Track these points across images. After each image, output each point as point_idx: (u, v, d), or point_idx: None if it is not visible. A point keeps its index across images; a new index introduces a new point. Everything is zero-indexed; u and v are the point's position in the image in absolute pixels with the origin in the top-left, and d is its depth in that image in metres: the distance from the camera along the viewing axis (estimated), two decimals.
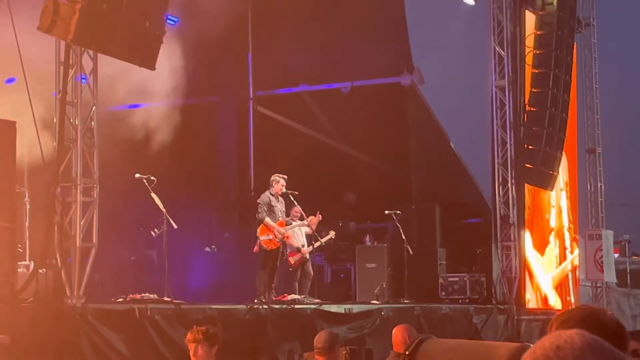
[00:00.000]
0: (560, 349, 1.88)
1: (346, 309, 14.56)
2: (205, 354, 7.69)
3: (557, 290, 20.70)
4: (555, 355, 1.87)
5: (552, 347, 1.89)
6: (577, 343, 1.89)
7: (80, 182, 10.56)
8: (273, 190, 15.06)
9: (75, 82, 10.72)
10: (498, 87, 19.66)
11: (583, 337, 1.91)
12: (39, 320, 9.79)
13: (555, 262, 20.80)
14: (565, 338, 1.90)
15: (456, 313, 17.05)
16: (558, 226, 21.25)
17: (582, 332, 1.93)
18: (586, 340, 1.90)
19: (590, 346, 1.88)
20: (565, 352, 1.87)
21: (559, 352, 1.87)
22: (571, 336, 1.91)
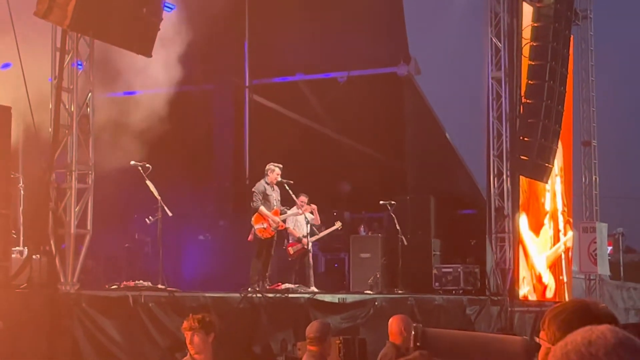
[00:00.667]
0: (592, 344, 1.87)
1: (340, 298, 14.57)
2: (201, 342, 7.69)
3: (551, 269, 20.88)
4: (586, 351, 1.86)
5: (584, 341, 1.88)
6: (610, 339, 1.88)
7: (75, 169, 10.54)
8: (268, 179, 15.06)
9: (72, 68, 10.69)
10: (494, 78, 19.65)
11: (615, 334, 1.90)
12: (32, 306, 9.78)
13: (550, 243, 21.05)
14: (598, 334, 1.90)
15: (450, 304, 17.07)
16: (552, 209, 21.42)
17: (614, 329, 1.92)
18: (618, 336, 1.90)
19: (622, 343, 1.88)
20: (597, 348, 1.86)
21: (590, 347, 1.87)
22: (603, 332, 1.90)
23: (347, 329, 13.85)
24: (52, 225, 10.37)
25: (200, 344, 7.66)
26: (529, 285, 19.81)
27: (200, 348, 7.68)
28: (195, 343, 7.66)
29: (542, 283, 20.32)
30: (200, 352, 7.71)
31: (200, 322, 7.73)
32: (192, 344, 7.68)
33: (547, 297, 20.24)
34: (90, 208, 10.77)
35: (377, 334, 13.90)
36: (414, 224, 19.36)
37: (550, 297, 20.42)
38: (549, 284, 20.59)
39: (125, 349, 10.48)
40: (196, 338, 7.66)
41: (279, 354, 12.63)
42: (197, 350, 7.70)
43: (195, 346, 7.66)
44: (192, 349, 7.70)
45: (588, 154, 24.83)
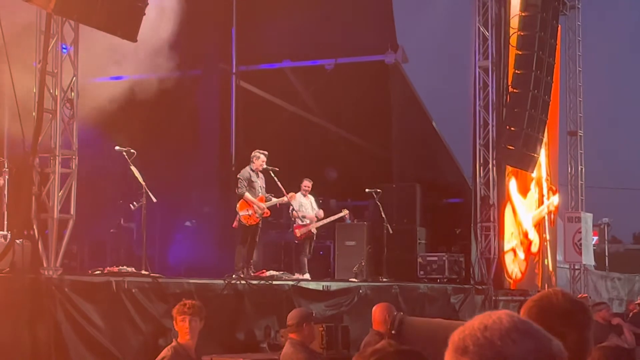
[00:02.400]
0: (488, 329, 1.88)
1: (324, 286, 14.57)
2: (195, 327, 7.79)
3: (536, 228, 21.39)
4: (482, 335, 1.87)
5: (480, 326, 1.89)
6: (505, 324, 1.89)
7: (59, 153, 10.49)
8: (253, 166, 15.04)
9: (56, 52, 10.63)
10: (481, 67, 19.66)
11: (511, 318, 1.91)
12: (14, 290, 9.73)
13: (535, 205, 21.58)
14: (494, 318, 1.91)
15: (434, 292, 17.11)
16: (537, 176, 21.89)
17: (511, 313, 1.93)
18: (513, 320, 1.90)
19: (517, 327, 1.89)
20: (492, 332, 1.87)
21: (485, 332, 1.88)
22: (500, 316, 1.91)
23: (332, 317, 13.86)
24: (35, 210, 10.33)
25: (195, 328, 7.77)
26: (516, 239, 20.30)
27: (194, 333, 7.77)
28: (192, 328, 7.75)
29: (528, 239, 20.91)
30: (193, 337, 7.79)
31: (194, 308, 7.82)
32: (189, 328, 7.75)
33: (532, 251, 20.85)
34: (73, 193, 10.72)
35: (361, 321, 13.92)
36: (400, 212, 19.37)
37: (535, 251, 20.99)
38: (534, 240, 21.16)
39: (107, 335, 10.46)
40: (193, 323, 7.76)
41: (262, 341, 12.63)
42: (191, 336, 7.77)
43: (190, 331, 7.74)
44: (187, 334, 7.76)
45: (574, 144, 24.88)
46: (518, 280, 20.24)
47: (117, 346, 10.59)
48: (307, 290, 13.96)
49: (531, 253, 20.80)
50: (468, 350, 1.86)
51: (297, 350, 8.83)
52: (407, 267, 18.69)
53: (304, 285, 14.04)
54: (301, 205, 16.29)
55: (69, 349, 9.99)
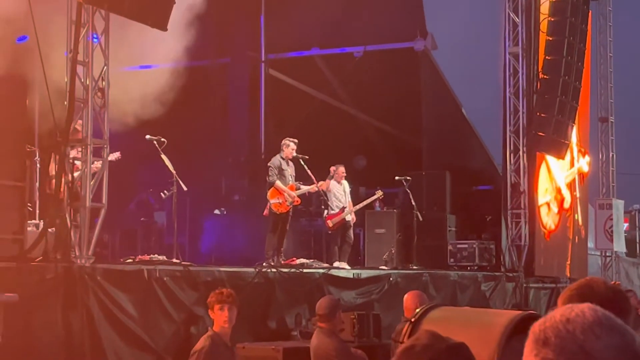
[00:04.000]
0: (570, 322, 1.86)
1: (355, 274, 14.56)
2: (233, 315, 7.92)
3: (568, 186, 21.32)
4: (564, 328, 1.86)
5: (562, 319, 1.88)
6: (588, 317, 1.87)
7: (91, 142, 10.52)
8: (283, 154, 15.02)
9: (87, 41, 10.65)
10: (511, 54, 19.54)
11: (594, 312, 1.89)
12: (47, 279, 9.79)
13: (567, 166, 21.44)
14: (577, 311, 1.89)
15: (465, 280, 17.05)
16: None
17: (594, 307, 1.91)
18: (597, 315, 1.88)
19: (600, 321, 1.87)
20: (574, 325, 1.86)
21: (568, 324, 1.86)
22: (582, 310, 1.89)
23: (362, 305, 13.85)
24: (67, 199, 10.37)
25: (233, 317, 7.86)
26: (550, 195, 20.38)
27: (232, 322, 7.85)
28: (230, 316, 7.83)
29: (561, 194, 20.95)
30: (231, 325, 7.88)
31: (232, 296, 7.94)
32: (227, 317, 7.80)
33: (564, 207, 20.87)
34: (105, 182, 10.76)
35: (391, 309, 13.91)
36: (430, 200, 19.32)
37: (567, 207, 21.00)
38: (566, 197, 21.17)
39: (140, 323, 10.50)
40: (231, 312, 7.84)
41: (294, 329, 12.64)
42: (230, 324, 7.84)
43: (229, 320, 7.80)
44: (226, 323, 7.83)
45: (605, 131, 24.69)
46: (552, 231, 20.39)
47: (150, 334, 10.63)
48: (337, 278, 13.95)
49: (564, 208, 20.83)
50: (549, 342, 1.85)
51: (326, 339, 8.84)
52: (437, 254, 18.64)
53: (335, 273, 14.04)
54: (335, 193, 16.27)
55: (102, 337, 10.04)
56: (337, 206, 16.24)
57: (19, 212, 10.37)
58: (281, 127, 19.34)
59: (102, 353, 10.04)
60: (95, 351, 9.97)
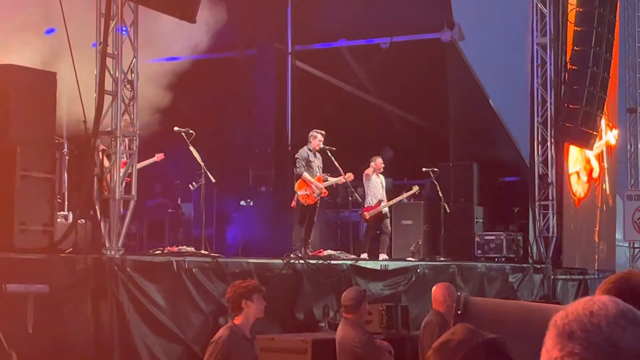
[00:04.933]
0: (594, 315, 1.85)
1: (382, 265, 14.57)
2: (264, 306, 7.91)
3: (596, 157, 21.40)
4: (589, 321, 1.84)
5: (585, 312, 1.86)
6: (612, 310, 1.86)
7: (120, 134, 10.57)
8: (311, 145, 15.03)
9: (116, 33, 10.70)
10: (539, 44, 19.45)
11: (617, 305, 1.88)
12: (77, 270, 9.85)
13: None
14: (599, 304, 1.87)
15: (492, 271, 17.01)
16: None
17: (615, 299, 1.90)
18: (620, 307, 1.87)
19: (624, 314, 1.86)
20: (599, 318, 1.84)
21: (592, 317, 1.85)
22: (605, 303, 1.88)
23: (389, 296, 13.86)
24: (97, 191, 10.43)
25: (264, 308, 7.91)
26: (580, 164, 20.51)
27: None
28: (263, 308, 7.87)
29: (590, 165, 21.10)
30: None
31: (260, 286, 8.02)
32: (263, 307, 7.87)
33: (593, 176, 21.00)
34: (134, 173, 10.82)
35: (419, 301, 13.91)
36: (457, 191, 19.26)
37: (596, 177, 21.10)
38: (595, 167, 21.30)
39: (169, 314, 10.56)
40: (264, 301, 7.90)
41: (321, 320, 12.66)
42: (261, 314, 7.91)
43: (263, 310, 7.86)
44: (262, 312, 7.86)
45: (633, 121, 24.56)
46: (581, 199, 20.51)
47: (178, 325, 10.68)
48: (365, 269, 13.96)
49: (592, 178, 20.93)
50: (575, 336, 1.83)
51: (351, 330, 8.86)
52: (464, 246, 18.61)
53: (362, 265, 14.04)
54: (371, 185, 16.32)
55: (131, 327, 10.10)
56: (373, 199, 16.27)
57: (49, 204, 10.43)
58: (308, 119, 19.33)
59: (131, 343, 10.10)
60: (124, 342, 10.03)
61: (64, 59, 11.18)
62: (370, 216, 16.22)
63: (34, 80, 10.64)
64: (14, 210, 9.98)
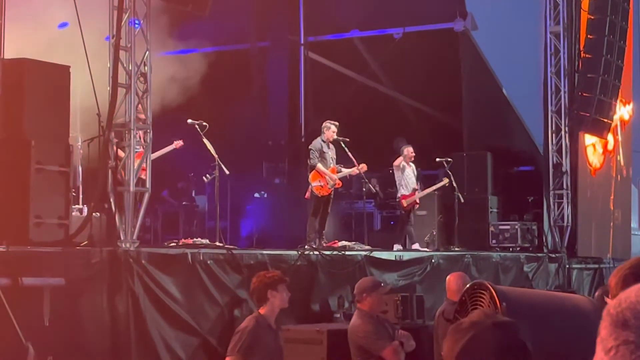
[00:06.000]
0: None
1: (397, 256, 14.56)
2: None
3: (611, 131, 21.10)
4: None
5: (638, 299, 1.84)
6: None
7: (134, 127, 10.59)
8: (324, 136, 15.02)
9: (129, 27, 10.71)
10: (553, 33, 19.38)
11: None
12: (93, 263, 9.88)
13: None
14: None
15: (507, 261, 16.98)
16: None
17: None
18: None
19: None
20: None
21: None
22: None
23: (404, 287, 13.85)
24: (111, 184, 10.46)
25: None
26: (596, 137, 20.51)
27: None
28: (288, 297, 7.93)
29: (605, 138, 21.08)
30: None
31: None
32: (288, 296, 7.98)
33: (608, 148, 21.01)
34: (148, 166, 10.84)
35: (433, 291, 13.91)
36: (471, 181, 19.22)
37: (610, 149, 21.12)
38: (609, 140, 21.26)
39: (184, 306, 10.58)
40: (289, 292, 7.96)
41: (336, 311, 12.67)
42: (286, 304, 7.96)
43: (287, 300, 7.91)
44: (287, 302, 7.91)
45: None
46: (597, 169, 20.57)
47: (194, 317, 10.71)
48: (379, 260, 13.96)
49: (607, 150, 20.92)
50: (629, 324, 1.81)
51: (363, 321, 8.86)
52: (479, 236, 18.58)
53: (377, 256, 14.04)
54: (405, 174, 16.51)
55: (147, 320, 10.13)
56: (407, 187, 16.44)
57: (64, 197, 10.46)
58: (321, 110, 19.34)
59: (147, 336, 10.13)
60: (140, 334, 10.06)
61: (77, 52, 11.20)
62: (407, 204, 16.45)
63: (47, 74, 10.66)
64: (29, 203, 10.02)
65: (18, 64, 10.54)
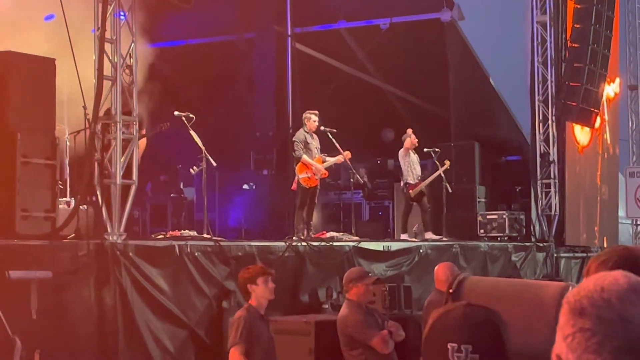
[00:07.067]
0: (605, 291, 1.85)
1: (384, 246, 14.58)
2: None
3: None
4: (599, 297, 1.84)
5: (596, 288, 1.86)
6: (623, 285, 1.85)
7: (120, 119, 10.57)
8: (307, 127, 15.00)
9: (114, 18, 10.68)
10: (539, 22, 19.40)
11: (628, 279, 1.87)
12: (80, 256, 9.87)
13: None
14: (610, 279, 1.87)
15: (495, 251, 17.03)
16: None
17: (627, 274, 1.89)
18: (631, 282, 1.86)
19: (635, 288, 1.85)
20: (610, 294, 1.84)
21: (603, 293, 1.84)
22: (616, 277, 1.87)
23: (392, 277, 13.87)
24: (98, 176, 10.43)
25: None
26: None
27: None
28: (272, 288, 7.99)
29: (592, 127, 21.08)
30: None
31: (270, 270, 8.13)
32: (273, 289, 8.09)
33: (595, 126, 20.84)
34: (135, 158, 10.81)
35: (421, 281, 13.94)
36: (459, 171, 19.25)
37: (597, 127, 21.02)
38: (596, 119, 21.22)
39: (172, 298, 10.58)
40: (271, 283, 8.02)
41: (325, 302, 12.69)
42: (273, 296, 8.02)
43: (271, 292, 7.97)
44: (272, 294, 8.02)
45: (635, 98, 24.52)
46: (584, 147, 20.60)
47: (182, 309, 10.71)
48: (367, 250, 13.97)
49: (594, 128, 20.88)
50: (585, 312, 1.83)
51: (352, 311, 8.89)
52: (467, 226, 18.62)
53: (365, 246, 14.05)
54: (411, 163, 16.60)
55: (135, 312, 10.12)
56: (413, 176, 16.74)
57: (50, 190, 10.44)
58: (308, 101, 19.30)
59: (135, 328, 10.13)
60: (128, 326, 10.06)
61: (63, 44, 11.16)
62: (415, 194, 16.61)
63: (33, 66, 10.62)
64: (15, 196, 9.99)
65: (3, 57, 10.51)
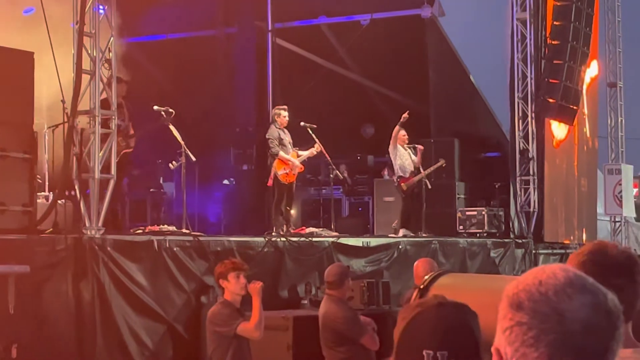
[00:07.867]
0: (542, 284, 1.86)
1: (364, 242, 14.59)
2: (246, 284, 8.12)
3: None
4: (537, 290, 1.85)
5: (534, 281, 1.87)
6: (560, 278, 1.87)
7: (99, 114, 10.53)
8: (278, 123, 15.02)
9: (93, 12, 10.64)
10: (519, 19, 19.44)
11: (566, 273, 1.88)
12: (58, 250, 9.84)
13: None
14: (548, 273, 1.88)
15: (474, 247, 17.07)
16: None
17: (566, 268, 1.90)
18: (568, 275, 1.88)
19: (572, 282, 1.86)
20: (547, 287, 1.85)
21: (540, 286, 1.86)
22: (554, 271, 1.89)
23: (371, 273, 13.89)
24: (76, 171, 10.40)
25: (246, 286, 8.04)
26: None
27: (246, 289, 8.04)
28: (246, 284, 8.00)
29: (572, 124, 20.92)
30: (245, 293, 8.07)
31: (244, 265, 8.19)
32: (244, 284, 8.12)
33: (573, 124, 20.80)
34: (114, 153, 10.78)
35: (401, 277, 13.96)
36: (438, 168, 19.26)
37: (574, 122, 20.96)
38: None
39: (150, 293, 10.56)
40: (246, 280, 8.05)
41: (304, 297, 12.69)
42: (246, 292, 8.02)
43: (246, 287, 8.00)
44: (243, 289, 8.07)
45: (614, 96, 24.60)
46: (561, 142, 20.51)
47: (160, 304, 10.70)
48: (346, 246, 13.99)
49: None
50: (523, 306, 1.85)
51: (334, 307, 8.90)
52: (446, 222, 18.64)
53: (344, 242, 14.07)
54: (403, 156, 16.64)
55: (113, 307, 10.11)
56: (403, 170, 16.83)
57: (28, 184, 10.41)
58: (289, 97, 19.29)
59: (113, 323, 10.11)
60: (106, 321, 10.04)
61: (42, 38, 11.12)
62: (407, 187, 16.72)
63: (11, 60, 10.59)
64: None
65: None
